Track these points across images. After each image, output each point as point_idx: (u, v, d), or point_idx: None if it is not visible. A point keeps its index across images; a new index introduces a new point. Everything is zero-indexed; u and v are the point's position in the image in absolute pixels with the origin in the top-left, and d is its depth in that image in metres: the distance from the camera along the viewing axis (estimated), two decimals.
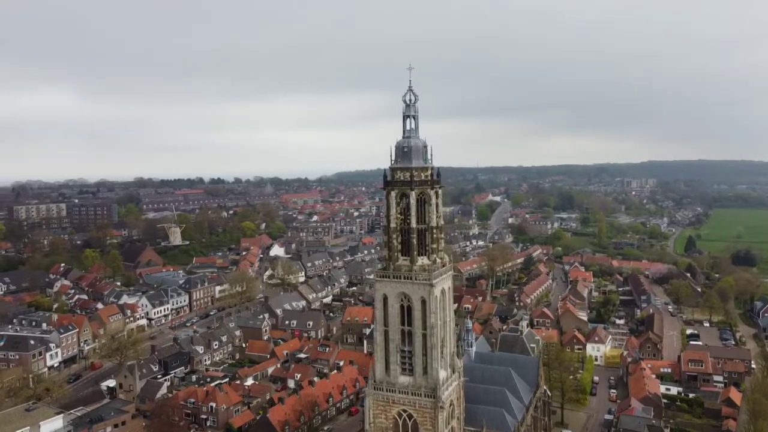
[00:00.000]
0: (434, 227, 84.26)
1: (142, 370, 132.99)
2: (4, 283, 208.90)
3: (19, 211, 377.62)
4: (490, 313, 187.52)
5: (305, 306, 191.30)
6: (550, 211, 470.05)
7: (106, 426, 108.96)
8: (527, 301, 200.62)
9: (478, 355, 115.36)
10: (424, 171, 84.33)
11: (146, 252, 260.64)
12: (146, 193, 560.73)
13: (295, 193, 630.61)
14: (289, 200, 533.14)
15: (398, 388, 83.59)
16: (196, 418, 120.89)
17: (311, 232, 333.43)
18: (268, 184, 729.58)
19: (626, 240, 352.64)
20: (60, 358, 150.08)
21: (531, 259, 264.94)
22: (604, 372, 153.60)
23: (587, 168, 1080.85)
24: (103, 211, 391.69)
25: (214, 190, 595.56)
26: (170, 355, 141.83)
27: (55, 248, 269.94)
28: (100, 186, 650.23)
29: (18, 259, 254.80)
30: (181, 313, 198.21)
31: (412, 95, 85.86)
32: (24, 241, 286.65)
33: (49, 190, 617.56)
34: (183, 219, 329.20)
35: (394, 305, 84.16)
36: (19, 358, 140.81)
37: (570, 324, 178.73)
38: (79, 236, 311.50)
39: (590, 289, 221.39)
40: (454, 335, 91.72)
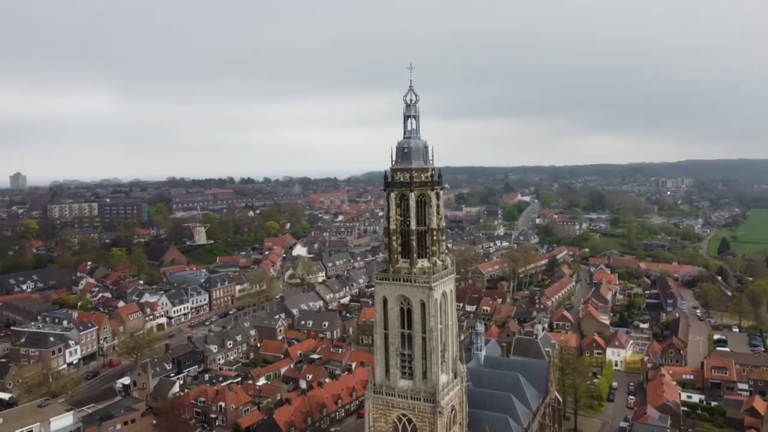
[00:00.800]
0: (435, 229, 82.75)
1: (155, 369, 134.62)
2: (32, 281, 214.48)
3: (52, 210, 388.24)
4: (509, 315, 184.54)
5: (322, 306, 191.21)
6: (580, 212, 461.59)
7: (115, 423, 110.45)
8: (548, 304, 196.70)
9: (487, 360, 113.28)
10: (424, 172, 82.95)
11: (170, 251, 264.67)
12: (177, 193, 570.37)
13: (323, 192, 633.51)
14: (316, 200, 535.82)
15: (397, 392, 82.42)
16: (206, 417, 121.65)
17: (334, 232, 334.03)
18: (296, 183, 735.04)
19: (657, 241, 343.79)
20: (79, 355, 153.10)
21: (555, 260, 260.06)
22: (624, 378, 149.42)
23: (621, 168, 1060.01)
24: (133, 210, 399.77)
25: (243, 189, 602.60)
26: (184, 354, 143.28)
27: (84, 247, 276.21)
28: (133, 186, 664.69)
29: (48, 257, 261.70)
30: (201, 312, 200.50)
31: (413, 95, 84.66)
32: (55, 240, 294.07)
33: (85, 190, 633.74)
34: (208, 218, 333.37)
35: (394, 308, 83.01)
36: (39, 354, 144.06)
37: (591, 327, 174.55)
38: (108, 235, 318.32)
39: (615, 292, 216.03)
40: (457, 339, 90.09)
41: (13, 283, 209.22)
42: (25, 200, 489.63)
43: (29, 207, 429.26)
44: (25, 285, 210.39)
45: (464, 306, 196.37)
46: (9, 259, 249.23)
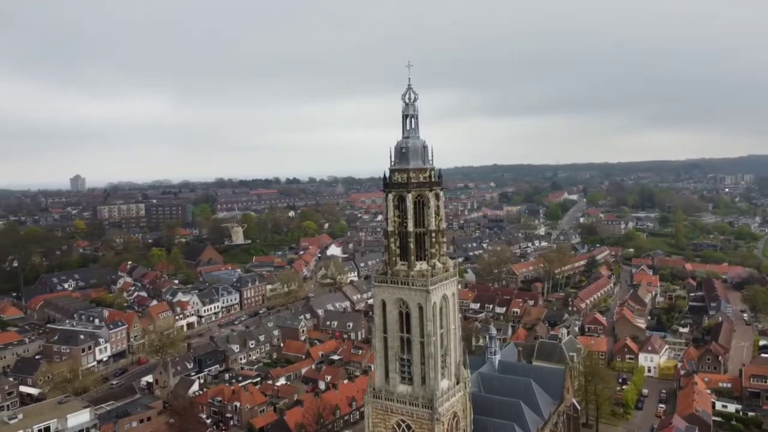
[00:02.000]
0: (433, 231, 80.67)
1: (176, 367, 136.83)
2: (73, 280, 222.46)
3: (102, 212, 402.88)
4: (539, 317, 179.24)
5: (348, 307, 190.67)
6: (626, 210, 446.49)
7: (131, 421, 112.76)
8: (581, 306, 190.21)
9: (501, 365, 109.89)
10: (422, 172, 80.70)
11: (207, 251, 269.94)
12: (223, 194, 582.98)
13: (365, 192, 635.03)
14: (357, 199, 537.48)
15: (396, 397, 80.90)
16: (222, 417, 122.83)
17: (370, 232, 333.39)
18: (339, 183, 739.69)
19: (708, 241, 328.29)
20: (109, 352, 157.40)
21: (594, 261, 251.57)
22: (657, 385, 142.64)
23: (678, 164, 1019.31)
24: (179, 211, 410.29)
25: (287, 189, 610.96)
26: (205, 354, 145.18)
27: (128, 247, 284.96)
28: (183, 187, 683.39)
29: (93, 257, 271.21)
30: (231, 311, 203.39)
31: (412, 94, 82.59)
32: (100, 240, 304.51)
33: (137, 191, 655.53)
34: (247, 219, 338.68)
35: (393, 311, 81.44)
36: (70, 351, 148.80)
37: (625, 331, 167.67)
38: (151, 235, 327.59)
39: (654, 294, 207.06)
40: (460, 343, 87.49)
41: (56, 282, 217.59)
42: (80, 202, 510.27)
43: (82, 208, 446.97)
44: (67, 284, 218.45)
45: (494, 308, 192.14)
46: (56, 259, 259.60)
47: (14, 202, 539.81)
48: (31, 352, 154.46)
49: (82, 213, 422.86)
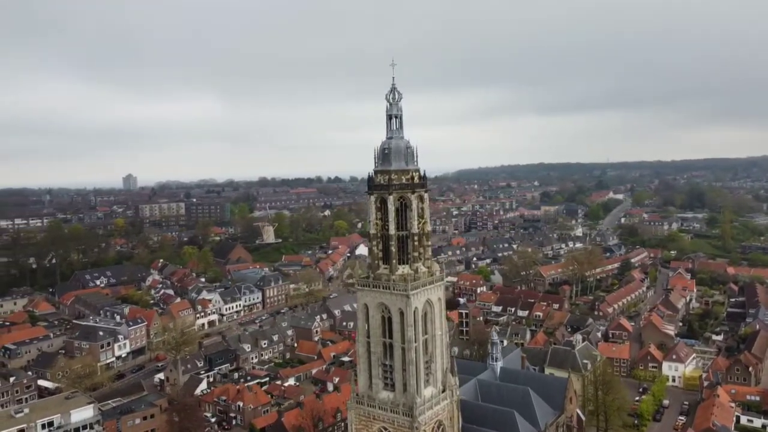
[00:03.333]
0: (416, 234, 78.35)
1: (186, 366, 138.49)
2: (105, 277, 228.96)
3: (143, 210, 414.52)
4: (561, 322, 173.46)
5: None
6: (672, 211, 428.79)
7: (134, 418, 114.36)
8: (608, 311, 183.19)
9: (503, 372, 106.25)
10: (405, 174, 78.65)
11: (236, 249, 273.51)
12: (264, 192, 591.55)
13: None
14: None
15: (378, 403, 79.36)
16: (226, 416, 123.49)
17: None
18: None
19: (758, 243, 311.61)
20: (128, 349, 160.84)
21: (629, 263, 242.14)
22: (681, 396, 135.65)
23: (737, 162, 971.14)
24: (217, 209, 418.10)
25: (326, 188, 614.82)
26: (216, 352, 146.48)
27: (163, 245, 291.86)
28: (226, 186, 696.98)
29: (128, 254, 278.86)
30: (254, 310, 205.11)
31: (396, 93, 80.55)
32: (137, 238, 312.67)
33: (183, 190, 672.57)
34: (279, 218, 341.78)
35: (375, 316, 79.80)
36: (89, 347, 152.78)
37: (653, 338, 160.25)
38: (187, 233, 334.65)
39: (689, 299, 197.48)
40: (447, 350, 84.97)
41: (88, 279, 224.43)
42: (127, 200, 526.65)
43: (126, 207, 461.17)
44: (99, 280, 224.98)
45: (516, 311, 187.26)
46: (93, 256, 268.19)
47: (67, 201, 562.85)
48: (55, 347, 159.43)
49: (125, 212, 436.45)
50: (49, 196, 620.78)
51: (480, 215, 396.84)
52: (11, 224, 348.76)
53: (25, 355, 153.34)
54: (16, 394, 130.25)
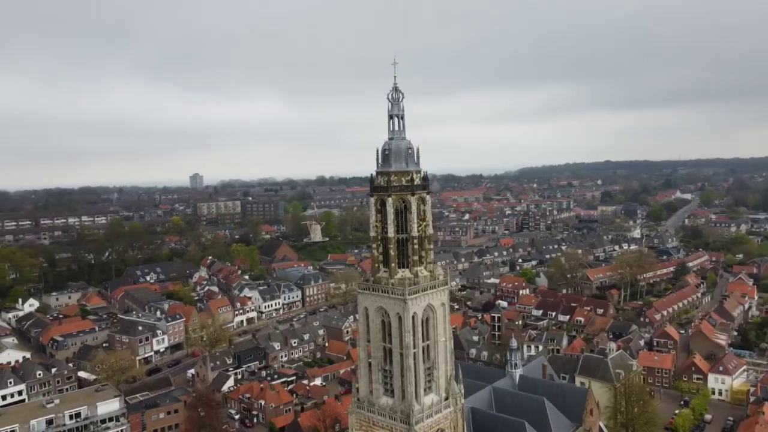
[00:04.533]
0: (415, 237, 76.25)
1: (216, 362, 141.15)
2: (155, 273, 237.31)
3: (201, 208, 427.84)
4: (603, 328, 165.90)
5: None
6: (743, 211, 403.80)
7: (159, 412, 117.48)
8: (655, 318, 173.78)
9: (522, 380, 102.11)
10: (405, 175, 76.55)
11: (282, 247, 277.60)
12: (320, 191, 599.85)
13: (462, 190, 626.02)
14: (449, 198, 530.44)
15: (378, 409, 77.71)
16: (250, 413, 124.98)
17: (449, 231, 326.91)
18: (436, 180, 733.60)
19: None
20: (166, 344, 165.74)
21: (685, 267, 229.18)
22: (727, 411, 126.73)
23: None
24: (271, 208, 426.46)
25: None
26: (246, 350, 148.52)
27: (215, 242, 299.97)
28: (285, 184, 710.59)
29: (180, 251, 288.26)
30: (293, 308, 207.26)
31: (398, 93, 78.65)
32: (190, 236, 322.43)
33: (244, 188, 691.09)
34: (327, 216, 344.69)
35: (375, 320, 78.21)
36: (129, 341, 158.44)
37: (701, 348, 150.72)
38: (239, 231, 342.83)
39: (747, 307, 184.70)
40: (451, 356, 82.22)
41: (139, 274, 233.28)
42: (189, 198, 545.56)
43: (187, 205, 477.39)
44: (149, 276, 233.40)
45: (557, 315, 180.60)
46: (148, 252, 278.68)
47: (133, 199, 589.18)
48: (99, 340, 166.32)
49: (185, 210, 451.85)
50: (117, 195, 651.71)
51: (533, 215, 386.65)
52: (78, 221, 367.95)
53: (71, 347, 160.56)
54: (57, 384, 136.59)
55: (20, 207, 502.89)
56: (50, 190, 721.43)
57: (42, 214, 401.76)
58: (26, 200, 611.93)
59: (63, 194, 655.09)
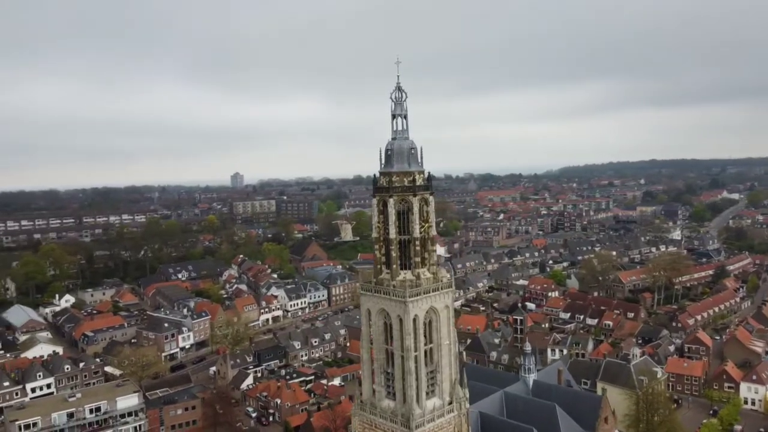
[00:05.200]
0: (417, 239, 75.24)
1: (236, 360, 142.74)
2: (187, 271, 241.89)
3: (237, 207, 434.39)
4: (632, 333, 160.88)
5: None
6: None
7: (176, 408, 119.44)
8: (688, 323, 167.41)
9: (536, 385, 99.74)
10: (407, 176, 75.67)
11: (312, 247, 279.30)
12: (356, 190, 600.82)
13: (498, 189, 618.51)
14: (485, 197, 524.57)
15: (379, 412, 77.09)
16: (266, 411, 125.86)
17: (480, 232, 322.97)
18: (472, 180, 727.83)
19: None
20: (192, 341, 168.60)
21: (725, 270, 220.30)
22: (759, 421, 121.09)
23: None
24: (305, 207, 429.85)
25: None
26: (266, 348, 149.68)
27: (247, 241, 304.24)
28: (322, 183, 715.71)
29: (213, 249, 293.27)
30: (319, 307, 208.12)
31: (400, 92, 77.69)
32: (223, 234, 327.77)
33: (282, 187, 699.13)
34: (360, 216, 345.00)
35: (378, 322, 77.60)
36: (155, 338, 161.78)
37: (736, 355, 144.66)
38: (272, 230, 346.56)
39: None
40: (455, 360, 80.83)
41: (171, 272, 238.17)
42: (227, 198, 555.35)
43: (224, 204, 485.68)
44: (181, 274, 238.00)
45: (585, 318, 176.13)
46: (182, 250, 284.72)
47: (174, 198, 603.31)
48: (128, 336, 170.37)
49: (222, 209, 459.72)
50: (158, 194, 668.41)
51: (568, 215, 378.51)
52: (118, 220, 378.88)
53: (101, 343, 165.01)
54: (84, 378, 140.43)
55: (67, 206, 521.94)
56: (98, 189, 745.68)
57: (85, 212, 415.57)
58: (74, 199, 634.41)
59: (109, 193, 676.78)
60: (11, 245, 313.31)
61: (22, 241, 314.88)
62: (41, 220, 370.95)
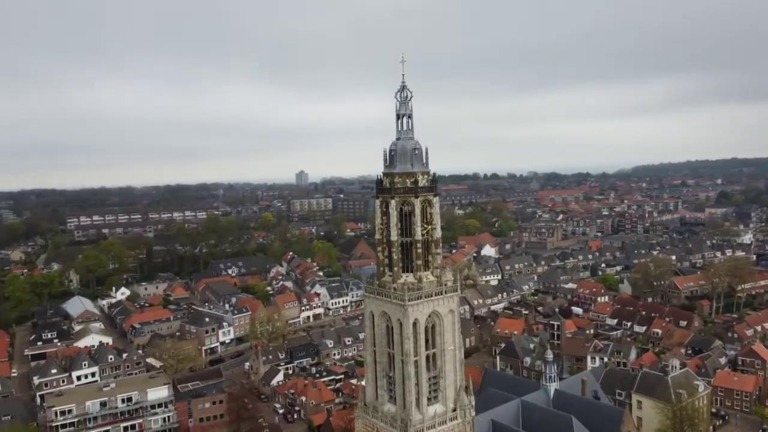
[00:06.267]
0: (419, 241, 73.71)
1: (268, 356, 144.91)
2: (237, 267, 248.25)
3: (294, 204, 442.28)
4: (682, 342, 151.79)
5: (466, 312, 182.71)
6: None
7: (204, 401, 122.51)
8: (746, 334, 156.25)
9: (557, 394, 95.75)
10: (409, 177, 74.17)
11: (360, 245, 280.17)
12: None
13: (561, 189, 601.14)
14: (546, 197, 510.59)
15: (381, 416, 76.20)
16: (293, 409, 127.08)
17: (534, 233, 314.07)
18: (535, 179, 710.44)
19: None
20: (232, 335, 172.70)
21: None
22: None
23: None
24: (361, 205, 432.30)
25: (477, 185, 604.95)
26: (298, 346, 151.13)
27: (299, 239, 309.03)
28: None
29: (267, 246, 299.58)
30: (361, 306, 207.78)
31: (405, 91, 76.27)
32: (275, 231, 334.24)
33: (343, 185, 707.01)
34: None
35: (381, 325, 76.76)
36: (196, 332, 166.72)
37: None
38: (325, 228, 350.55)
39: None
40: (461, 366, 78.56)
41: (222, 268, 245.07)
42: (288, 195, 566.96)
43: (283, 202, 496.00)
44: (231, 270, 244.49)
45: (632, 326, 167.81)
46: (237, 246, 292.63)
47: (238, 195, 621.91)
48: (173, 329, 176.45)
49: (281, 206, 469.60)
50: (223, 191, 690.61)
51: (629, 217, 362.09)
52: (182, 216, 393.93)
53: (147, 335, 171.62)
54: (127, 369, 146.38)
55: (138, 202, 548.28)
56: (170, 186, 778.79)
57: (152, 208, 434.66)
58: (147, 195, 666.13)
59: (179, 190, 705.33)
60: (81, 239, 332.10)
61: (92, 236, 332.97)
62: (111, 216, 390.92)
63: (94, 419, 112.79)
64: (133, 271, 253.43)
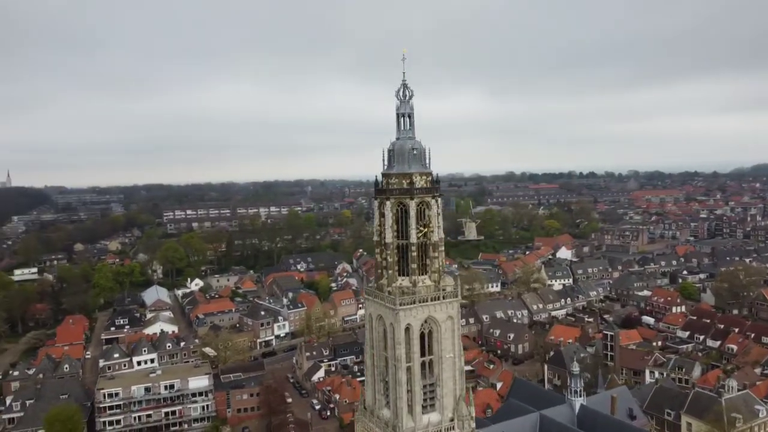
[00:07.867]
0: (413, 244, 71.89)
1: (312, 352, 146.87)
2: (305, 262, 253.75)
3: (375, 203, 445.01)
4: (759, 361, 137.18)
5: (525, 316, 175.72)
6: None
7: (242, 393, 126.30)
8: None
9: (583, 411, 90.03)
10: (406, 178, 72.50)
11: None
12: (505, 188, 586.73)
13: (662, 189, 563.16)
14: (641, 197, 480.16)
15: (376, 420, 75.40)
16: (327, 405, 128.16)
17: (618, 235, 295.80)
18: (633, 178, 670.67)
19: None
20: (287, 329, 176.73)
21: None
22: None
23: None
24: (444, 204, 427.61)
25: (568, 185, 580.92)
26: (342, 343, 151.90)
27: (372, 236, 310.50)
28: (470, 180, 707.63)
29: (340, 242, 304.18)
30: None
31: (407, 90, 74.56)
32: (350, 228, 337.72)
33: None
34: (488, 214, 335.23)
35: (378, 328, 75.86)
36: (252, 325, 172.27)
37: None
38: None
39: None
40: (461, 375, 75.53)
41: (291, 263, 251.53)
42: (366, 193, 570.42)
43: (367, 198, 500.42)
44: (300, 265, 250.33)
45: (705, 339, 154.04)
46: (312, 242, 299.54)
47: (326, 192, 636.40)
48: (234, 320, 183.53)
49: (364, 203, 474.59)
50: (311, 188, 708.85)
51: (728, 220, 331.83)
52: (267, 211, 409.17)
53: (208, 325, 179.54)
54: (184, 357, 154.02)
55: (233, 197, 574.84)
56: (268, 181, 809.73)
57: (241, 203, 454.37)
58: (243, 191, 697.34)
59: (273, 186, 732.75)
60: (173, 232, 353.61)
61: (182, 229, 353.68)
62: (203, 210, 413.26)
63: (138, 403, 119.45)
64: (212, 263, 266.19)
